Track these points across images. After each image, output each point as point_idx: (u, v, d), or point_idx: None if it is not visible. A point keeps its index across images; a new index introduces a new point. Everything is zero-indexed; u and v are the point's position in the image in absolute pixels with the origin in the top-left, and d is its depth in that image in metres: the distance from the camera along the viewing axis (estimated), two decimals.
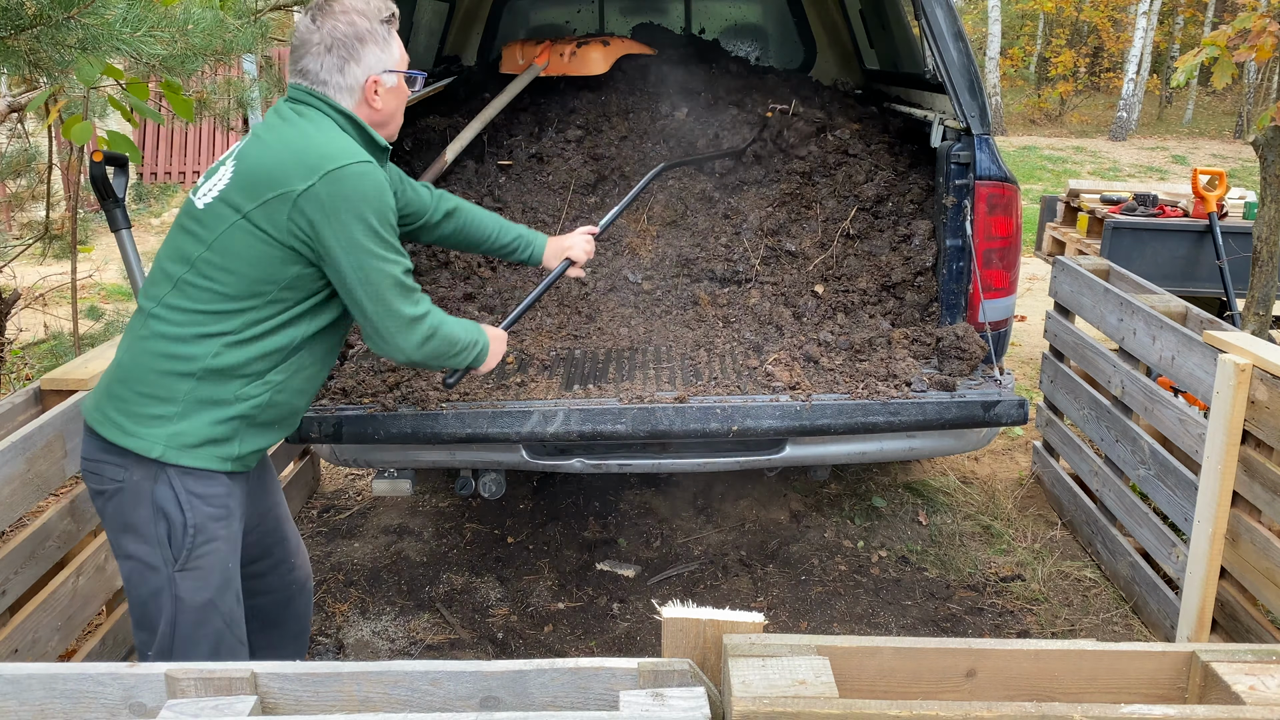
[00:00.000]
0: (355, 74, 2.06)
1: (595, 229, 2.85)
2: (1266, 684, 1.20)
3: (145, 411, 1.99)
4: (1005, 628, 3.21)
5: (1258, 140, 4.01)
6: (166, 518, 1.99)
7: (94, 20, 2.40)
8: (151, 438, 1.98)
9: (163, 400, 1.99)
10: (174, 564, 2.01)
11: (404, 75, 2.15)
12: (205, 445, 2.01)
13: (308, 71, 2.06)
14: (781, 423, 2.78)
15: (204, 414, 2.00)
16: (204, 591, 2.04)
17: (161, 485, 1.98)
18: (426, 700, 1.22)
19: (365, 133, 2.11)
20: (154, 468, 1.98)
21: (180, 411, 1.99)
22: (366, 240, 1.99)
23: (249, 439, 2.09)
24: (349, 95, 2.08)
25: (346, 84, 2.06)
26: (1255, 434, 2.60)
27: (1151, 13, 18.52)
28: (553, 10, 5.45)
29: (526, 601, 3.37)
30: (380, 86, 2.09)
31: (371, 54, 2.07)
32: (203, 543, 2.03)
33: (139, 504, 1.99)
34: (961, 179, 3.11)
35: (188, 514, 2.00)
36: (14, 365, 4.70)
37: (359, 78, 2.07)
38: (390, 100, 2.14)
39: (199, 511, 2.02)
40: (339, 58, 2.04)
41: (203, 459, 2.01)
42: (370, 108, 2.11)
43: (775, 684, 1.16)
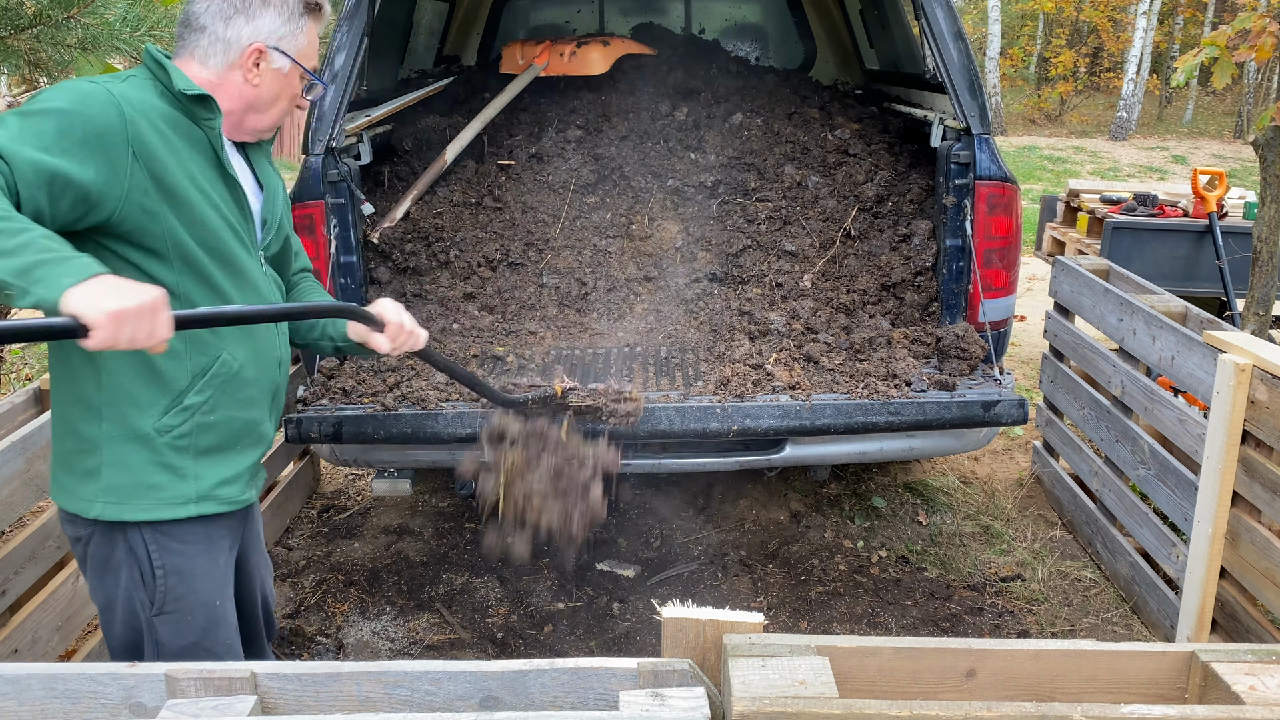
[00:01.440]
0: (241, 30, 1.80)
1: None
2: (1266, 684, 1.20)
3: (77, 467, 1.80)
4: (1005, 628, 3.21)
5: (1258, 140, 4.01)
6: (137, 561, 1.82)
7: (94, 20, 2.40)
8: (87, 495, 1.79)
9: (85, 451, 1.79)
10: (150, 608, 1.84)
11: (302, 70, 1.88)
12: (148, 492, 1.79)
13: (189, 14, 1.81)
14: (781, 423, 2.78)
15: (131, 457, 1.78)
16: (186, 635, 1.87)
17: (130, 531, 1.81)
18: (426, 700, 1.22)
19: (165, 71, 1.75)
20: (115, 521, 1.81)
21: (106, 460, 1.78)
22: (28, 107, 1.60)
23: (204, 471, 1.85)
24: (222, 52, 1.80)
25: (225, 36, 1.80)
26: (1255, 434, 2.60)
27: (1151, 13, 18.52)
28: (553, 10, 5.46)
29: (526, 601, 3.37)
30: (264, 59, 1.82)
31: (269, 20, 1.81)
32: (177, 584, 1.84)
33: (112, 548, 1.83)
34: (961, 179, 3.11)
35: (155, 559, 1.82)
36: (14, 365, 4.70)
37: (243, 37, 1.80)
38: (272, 83, 1.85)
39: (169, 552, 1.83)
40: (230, 5, 1.80)
41: (150, 509, 1.80)
42: (245, 80, 1.82)
43: (775, 684, 1.16)
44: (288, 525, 3.86)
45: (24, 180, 1.52)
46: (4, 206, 1.47)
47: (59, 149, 1.56)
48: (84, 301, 1.40)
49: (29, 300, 1.42)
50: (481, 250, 3.58)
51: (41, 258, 1.42)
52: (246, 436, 1.91)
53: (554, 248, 3.66)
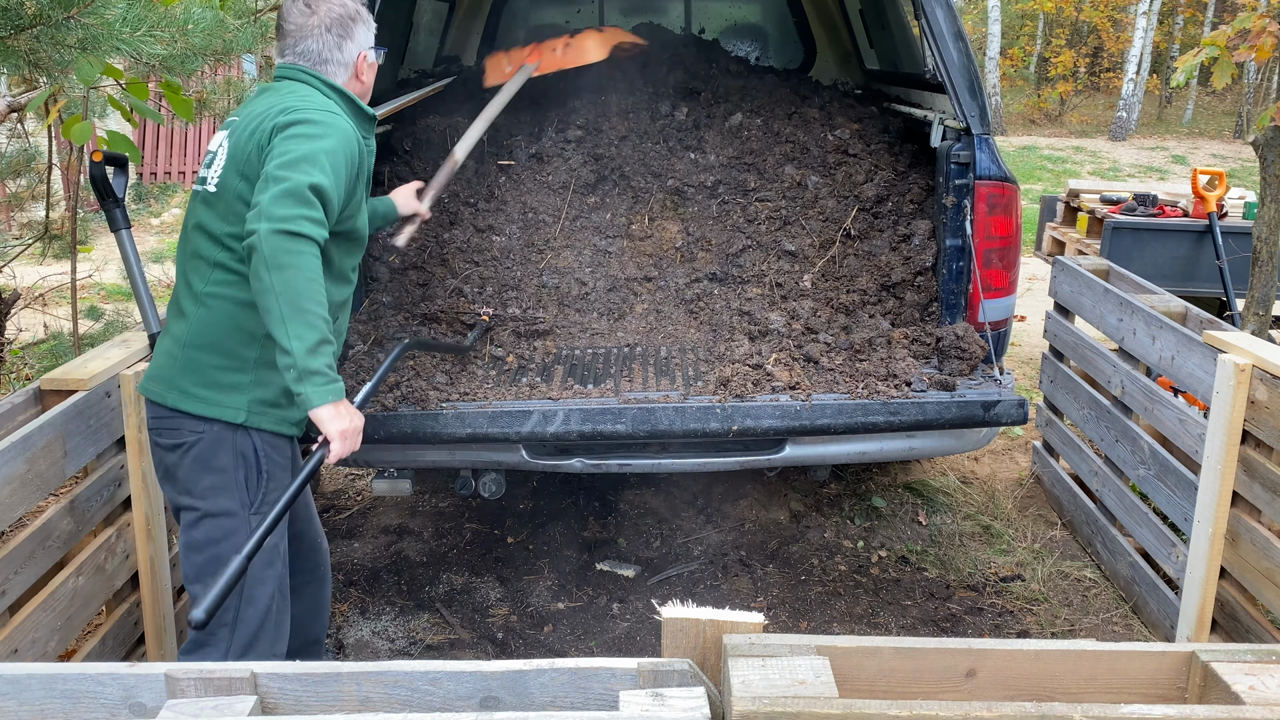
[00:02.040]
0: (350, 50, 2.29)
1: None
2: (1266, 684, 1.20)
3: (223, 380, 2.17)
4: (1005, 628, 3.21)
5: (1258, 140, 4.01)
6: (245, 464, 2.18)
7: (94, 20, 2.40)
8: (235, 404, 2.16)
9: (237, 369, 2.17)
10: (250, 507, 2.18)
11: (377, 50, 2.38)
12: (276, 409, 2.21)
13: (308, 52, 2.25)
14: (781, 423, 2.78)
15: (271, 380, 2.17)
16: (273, 535, 2.15)
17: (241, 436, 2.17)
18: (426, 700, 1.22)
19: (353, 103, 2.30)
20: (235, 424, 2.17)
21: (253, 379, 2.18)
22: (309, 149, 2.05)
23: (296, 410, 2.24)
24: (344, 70, 2.29)
25: (344, 60, 2.28)
26: (1255, 434, 2.60)
27: (1151, 13, 18.52)
28: (553, 10, 5.46)
29: (526, 601, 3.37)
30: (366, 62, 2.33)
31: (361, 32, 2.31)
32: (274, 489, 2.21)
33: (219, 451, 2.16)
34: (961, 179, 3.11)
35: (263, 462, 2.20)
36: (14, 365, 4.70)
37: (353, 54, 2.29)
38: (371, 75, 2.37)
39: (272, 460, 2.22)
40: (338, 36, 2.26)
41: (277, 423, 2.22)
42: (359, 81, 2.33)
43: (775, 684, 1.16)
44: None
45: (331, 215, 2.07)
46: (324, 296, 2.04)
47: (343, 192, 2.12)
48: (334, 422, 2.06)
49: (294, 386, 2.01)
50: (481, 250, 3.58)
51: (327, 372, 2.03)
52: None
53: (554, 248, 3.66)
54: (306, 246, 1.99)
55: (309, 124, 2.10)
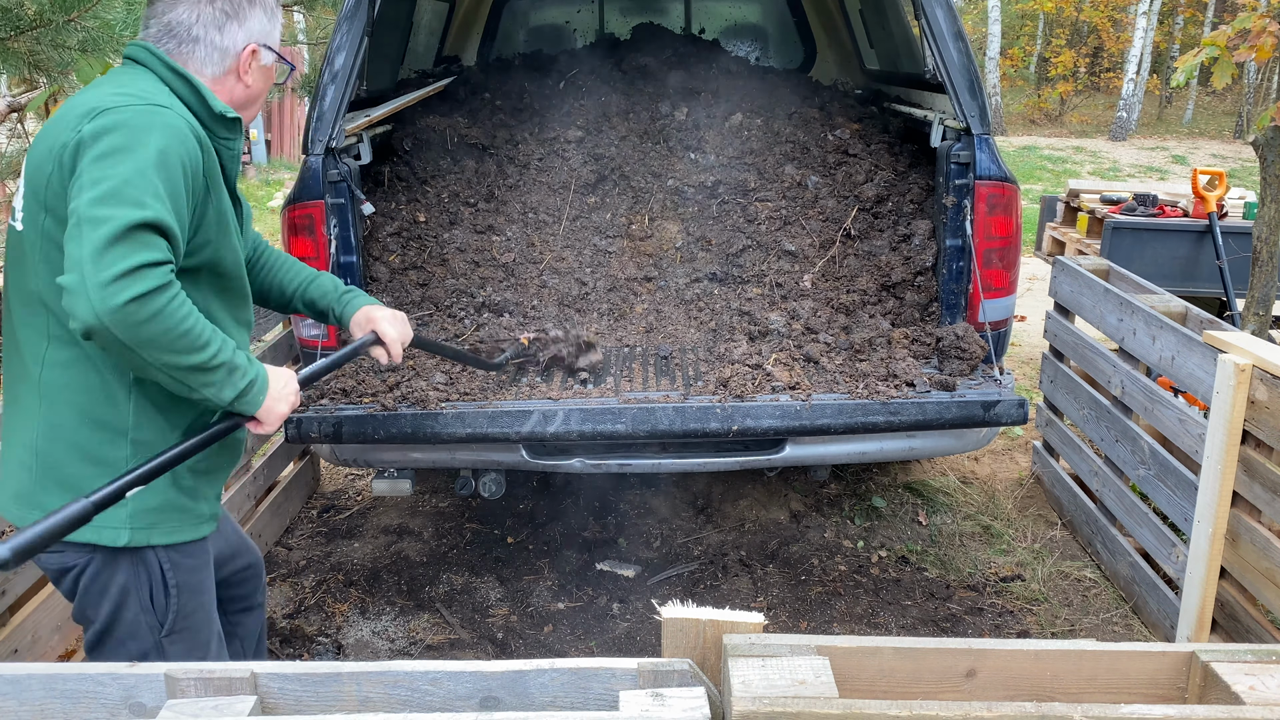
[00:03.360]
0: (235, 35, 1.81)
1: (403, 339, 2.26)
2: (1266, 684, 1.20)
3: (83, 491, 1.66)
4: (1005, 628, 3.21)
5: (1258, 140, 4.01)
6: (150, 580, 1.79)
7: (94, 23, 2.40)
8: (113, 523, 1.72)
9: (105, 476, 1.69)
10: (160, 629, 1.82)
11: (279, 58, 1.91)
12: (174, 515, 1.79)
13: (176, 25, 1.77)
14: (781, 423, 2.78)
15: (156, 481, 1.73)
16: (195, 653, 1.87)
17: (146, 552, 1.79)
18: (426, 700, 1.22)
19: (198, 93, 1.76)
20: None
21: None
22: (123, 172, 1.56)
23: (207, 489, 1.88)
24: (219, 59, 1.81)
25: (222, 44, 1.80)
26: (1255, 434, 2.60)
27: (1151, 13, 18.53)
28: (553, 10, 5.46)
29: (526, 601, 3.37)
30: (256, 59, 1.85)
31: (258, 20, 1.84)
32: (189, 601, 1.84)
33: (114, 574, 1.77)
34: (961, 179, 3.11)
35: (168, 574, 1.81)
36: None
37: (237, 41, 1.81)
38: (260, 80, 1.88)
39: (181, 569, 1.82)
40: (222, 12, 1.79)
41: (175, 531, 1.80)
42: (240, 80, 1.85)
43: (775, 684, 1.16)
44: (288, 525, 3.86)
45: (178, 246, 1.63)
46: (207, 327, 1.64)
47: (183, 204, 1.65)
48: (265, 411, 1.77)
49: (229, 409, 1.73)
50: (481, 250, 3.59)
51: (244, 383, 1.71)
52: (235, 451, 1.96)
53: (554, 248, 3.67)
54: (160, 300, 1.54)
55: (120, 130, 1.59)
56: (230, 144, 1.81)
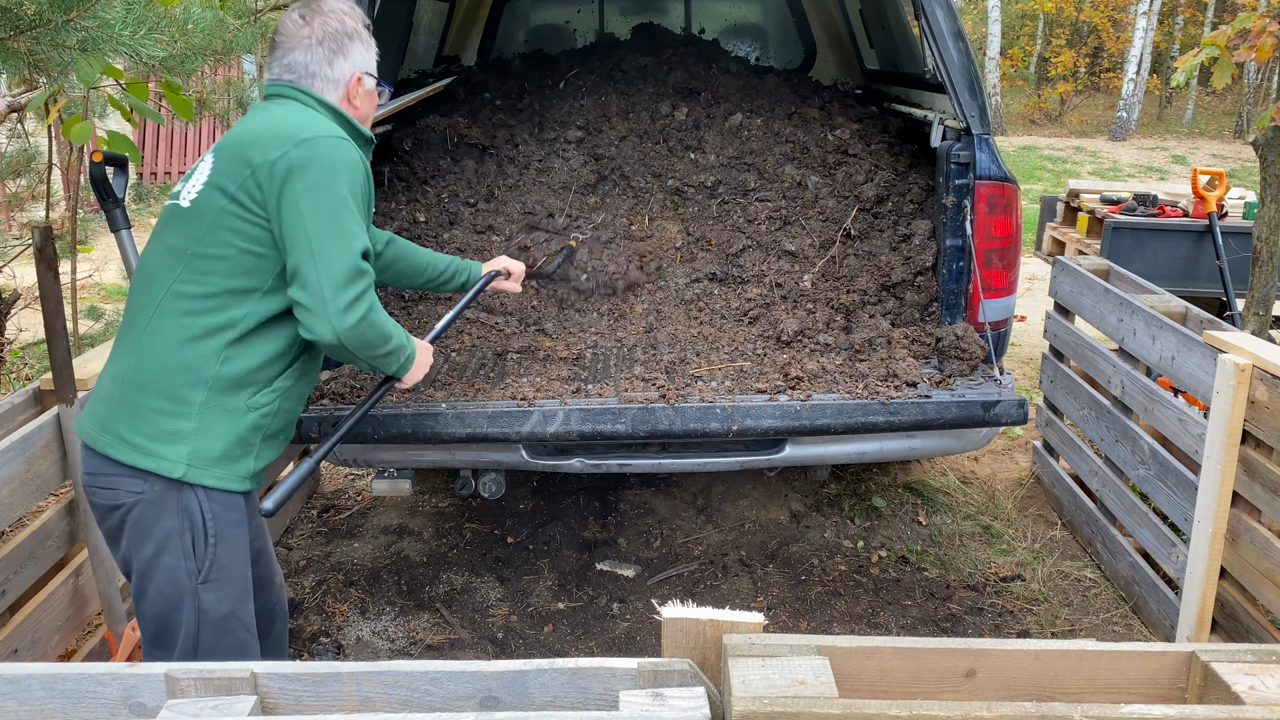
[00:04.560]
0: (343, 68, 2.13)
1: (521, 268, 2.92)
2: (1266, 684, 1.20)
3: (161, 427, 1.92)
4: (1005, 628, 3.21)
5: (1258, 140, 4.01)
6: (190, 527, 1.94)
7: (93, 22, 2.40)
8: (173, 456, 1.92)
9: (178, 414, 1.92)
10: (198, 575, 1.96)
11: (378, 82, 2.23)
12: (225, 463, 1.97)
13: (295, 65, 2.10)
14: (781, 423, 2.78)
15: (220, 427, 1.95)
16: (225, 603, 2.00)
17: (186, 494, 1.93)
18: (426, 700, 1.22)
19: (348, 122, 2.14)
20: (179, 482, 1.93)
21: (197, 426, 1.93)
22: (333, 204, 1.94)
23: (264, 452, 2.06)
24: (334, 89, 2.13)
25: (334, 76, 2.12)
26: (1255, 434, 2.60)
27: (1151, 13, 18.52)
28: (553, 10, 5.46)
29: (526, 601, 3.37)
30: (361, 86, 2.17)
31: (358, 52, 2.15)
32: (225, 553, 1.99)
33: (163, 514, 1.93)
34: (961, 179, 3.11)
35: (209, 523, 1.96)
36: (14, 365, 4.70)
37: (345, 72, 2.13)
38: (366, 103, 2.20)
39: (221, 521, 1.98)
40: (329, 50, 2.11)
41: (224, 478, 1.97)
42: (351, 105, 2.17)
43: (775, 684, 1.16)
44: (288, 525, 3.86)
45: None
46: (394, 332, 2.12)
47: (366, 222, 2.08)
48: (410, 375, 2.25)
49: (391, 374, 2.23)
50: (481, 250, 3.58)
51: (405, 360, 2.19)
52: (291, 428, 2.16)
53: (553, 248, 3.66)
54: (375, 314, 1.99)
55: (323, 163, 1.95)
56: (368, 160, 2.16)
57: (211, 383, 1.94)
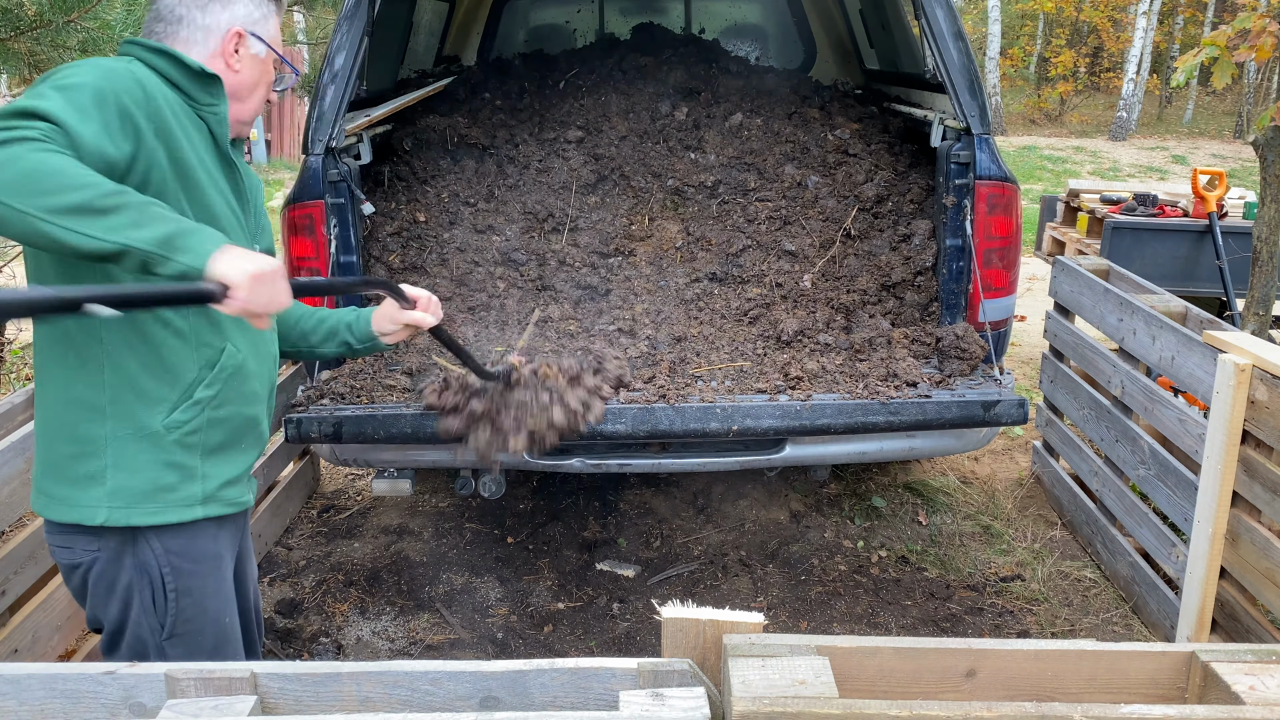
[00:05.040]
0: (219, 16, 1.80)
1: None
2: (1266, 684, 1.20)
3: (75, 473, 1.72)
4: (1005, 628, 3.21)
5: (1258, 140, 4.01)
6: (150, 583, 1.77)
7: (94, 23, 2.40)
8: (90, 501, 1.71)
9: (89, 453, 1.70)
10: (160, 632, 1.80)
11: (276, 55, 1.90)
12: (157, 495, 1.74)
13: (161, 7, 1.80)
14: (781, 423, 2.78)
15: (139, 457, 1.72)
16: (197, 656, 1.84)
17: (141, 547, 1.76)
18: (426, 700, 1.22)
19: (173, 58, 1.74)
20: (126, 531, 1.74)
21: (111, 463, 1.71)
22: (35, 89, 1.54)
23: (212, 469, 1.81)
24: (203, 39, 1.80)
25: (205, 23, 1.79)
26: (1255, 434, 2.60)
27: (1151, 13, 18.53)
28: (552, 10, 5.46)
29: (526, 601, 3.37)
30: (243, 45, 1.83)
31: (243, 6, 1.83)
32: (189, 605, 1.81)
33: (119, 571, 1.76)
34: (961, 179, 3.11)
35: (168, 578, 1.78)
36: (14, 365, 4.70)
37: (222, 22, 1.80)
38: (251, 69, 1.85)
39: (181, 573, 1.79)
40: None
41: (159, 511, 1.74)
42: (227, 65, 1.82)
43: (775, 684, 1.16)
44: (288, 525, 3.86)
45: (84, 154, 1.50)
46: (100, 175, 1.45)
47: (104, 131, 1.54)
48: (227, 265, 1.46)
49: (171, 269, 1.44)
50: (481, 250, 3.59)
51: (178, 227, 1.46)
52: (250, 434, 1.89)
53: (553, 248, 3.66)
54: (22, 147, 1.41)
55: (57, 72, 1.58)
56: (214, 107, 1.78)
57: (110, 410, 1.70)
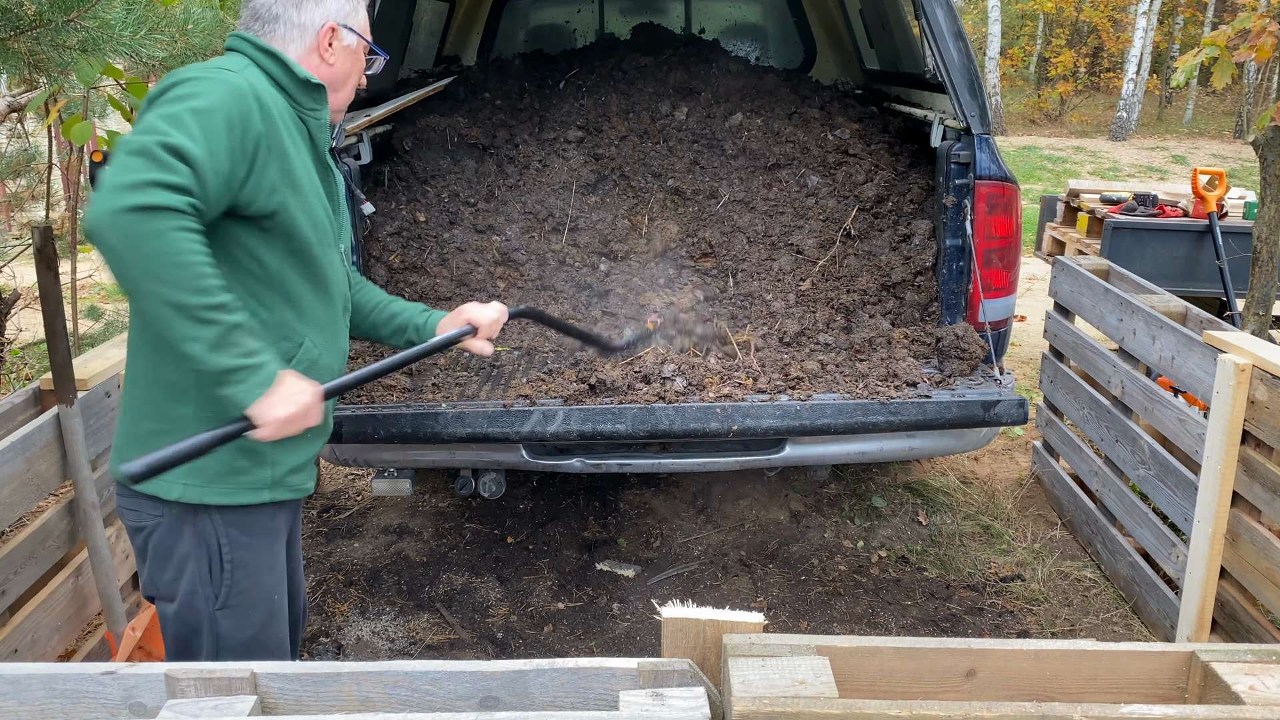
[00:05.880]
0: (313, 14, 1.86)
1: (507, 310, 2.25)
2: (1266, 684, 1.20)
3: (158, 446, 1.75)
4: (1005, 628, 3.21)
5: (1258, 140, 4.01)
6: (208, 553, 1.85)
7: (94, 23, 2.40)
8: (169, 477, 1.78)
9: (169, 431, 1.77)
10: (214, 601, 1.87)
11: (366, 44, 1.95)
12: (229, 477, 1.83)
13: (258, 7, 1.86)
14: (781, 423, 2.78)
15: None
16: (247, 629, 1.90)
17: (201, 519, 1.84)
18: (426, 700, 1.22)
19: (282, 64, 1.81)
20: (192, 504, 1.83)
21: None
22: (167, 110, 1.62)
23: (281, 456, 1.89)
24: (299, 37, 1.86)
25: (300, 21, 1.85)
26: (1255, 434, 2.60)
27: (1151, 13, 18.52)
28: (553, 10, 5.46)
29: (526, 601, 3.37)
30: (337, 38, 1.88)
31: (335, 1, 1.89)
32: (243, 578, 1.88)
33: (178, 539, 1.84)
34: (961, 179, 3.11)
35: (225, 550, 1.85)
36: (14, 365, 4.71)
37: (316, 19, 1.86)
38: (344, 61, 1.92)
39: (239, 545, 1.86)
40: None
41: (232, 493, 1.83)
42: (322, 59, 1.88)
43: (775, 684, 1.16)
44: None
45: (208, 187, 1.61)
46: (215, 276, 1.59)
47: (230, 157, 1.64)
48: (263, 411, 1.66)
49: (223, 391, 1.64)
50: (480, 250, 3.58)
51: (243, 363, 1.63)
52: (316, 425, 1.91)
53: (554, 248, 3.66)
54: (167, 221, 1.52)
55: (181, 84, 1.65)
56: (315, 113, 1.86)
57: (194, 393, 1.78)
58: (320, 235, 1.86)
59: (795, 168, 3.86)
